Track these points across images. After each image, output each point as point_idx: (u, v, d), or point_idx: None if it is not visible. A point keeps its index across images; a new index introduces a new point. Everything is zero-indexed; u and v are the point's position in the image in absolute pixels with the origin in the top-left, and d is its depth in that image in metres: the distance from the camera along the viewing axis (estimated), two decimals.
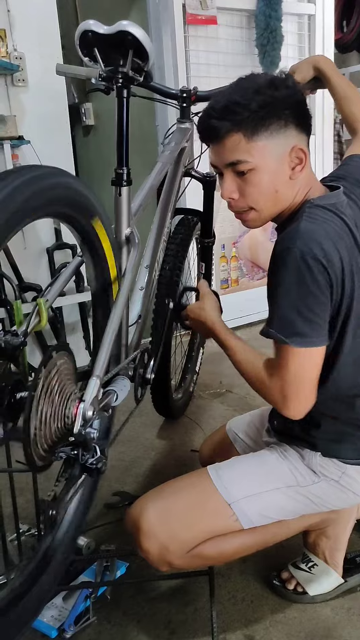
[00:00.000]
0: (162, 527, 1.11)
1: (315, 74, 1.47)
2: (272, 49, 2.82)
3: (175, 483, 1.20)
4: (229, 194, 1.11)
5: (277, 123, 1.05)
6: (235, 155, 1.06)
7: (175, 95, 1.66)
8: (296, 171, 1.09)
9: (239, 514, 1.12)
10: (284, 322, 1.02)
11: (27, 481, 1.35)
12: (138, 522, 1.12)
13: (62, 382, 1.00)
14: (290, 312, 1.01)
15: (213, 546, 1.14)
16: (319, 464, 1.15)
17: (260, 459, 1.21)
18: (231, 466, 1.20)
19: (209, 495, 1.14)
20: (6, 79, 2.32)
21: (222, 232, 2.95)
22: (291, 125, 1.07)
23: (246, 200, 1.11)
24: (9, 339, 0.96)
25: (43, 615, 1.25)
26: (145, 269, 1.52)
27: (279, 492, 1.14)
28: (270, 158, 1.06)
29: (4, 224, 0.80)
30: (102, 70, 1.19)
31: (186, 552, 1.12)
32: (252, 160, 1.06)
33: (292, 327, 1.01)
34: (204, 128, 1.09)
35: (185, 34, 2.69)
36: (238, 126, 1.04)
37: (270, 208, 1.12)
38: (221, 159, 1.09)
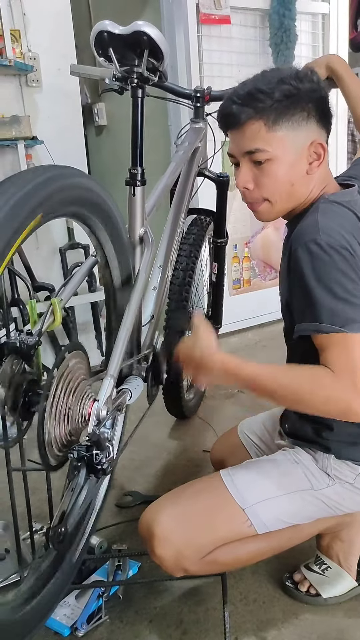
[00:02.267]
0: (176, 532, 1.10)
1: (328, 74, 1.47)
2: (286, 48, 2.81)
3: (188, 488, 1.20)
4: (244, 183, 1.10)
5: (299, 115, 1.05)
6: (254, 143, 1.06)
7: (189, 95, 1.66)
8: (313, 166, 1.08)
9: (253, 519, 1.11)
10: (331, 313, 0.96)
11: (40, 479, 1.36)
12: (152, 528, 1.11)
13: (76, 381, 1.00)
14: (335, 301, 0.96)
15: (228, 552, 1.14)
16: (332, 467, 1.14)
17: (274, 463, 1.20)
18: (244, 471, 1.19)
19: (223, 501, 1.13)
20: (20, 80, 2.33)
21: (235, 232, 2.94)
22: (313, 119, 1.06)
23: (261, 192, 1.10)
24: (24, 339, 0.97)
25: (56, 614, 1.26)
26: (158, 269, 1.53)
27: (293, 496, 1.13)
28: (289, 150, 1.06)
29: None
30: (117, 70, 1.19)
31: (201, 558, 1.12)
32: (271, 150, 1.05)
33: (344, 315, 0.96)
34: (226, 114, 1.09)
35: (198, 34, 2.68)
36: (260, 114, 1.04)
37: (284, 201, 1.11)
38: (239, 147, 1.09)
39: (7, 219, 0.78)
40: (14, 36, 2.25)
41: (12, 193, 0.80)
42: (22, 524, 1.31)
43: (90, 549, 1.43)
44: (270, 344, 2.89)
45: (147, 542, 1.12)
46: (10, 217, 0.78)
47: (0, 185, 0.82)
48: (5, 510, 1.59)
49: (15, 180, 0.83)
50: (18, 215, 0.79)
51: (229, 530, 1.13)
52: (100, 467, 1.00)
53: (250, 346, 2.93)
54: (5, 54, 2.15)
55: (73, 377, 0.99)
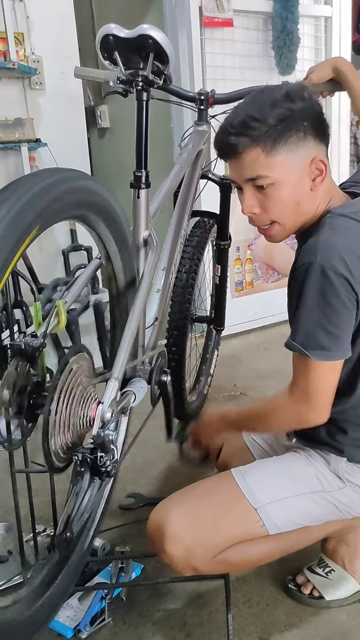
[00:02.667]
0: (187, 531, 1.10)
1: (333, 75, 1.47)
2: (289, 51, 2.82)
3: (199, 486, 1.20)
4: (250, 209, 1.10)
5: (295, 136, 1.04)
6: (255, 170, 1.06)
7: (193, 98, 1.66)
8: (317, 182, 1.08)
9: (265, 519, 1.11)
10: (306, 335, 1.03)
11: (43, 481, 1.36)
12: (162, 526, 1.10)
13: (80, 383, 1.00)
14: (313, 326, 1.02)
15: (238, 552, 1.14)
16: (344, 470, 1.14)
17: (286, 463, 1.20)
18: (257, 470, 1.18)
19: (235, 500, 1.13)
20: (24, 82, 2.34)
21: (237, 234, 2.94)
22: (310, 137, 1.05)
23: (268, 215, 1.10)
24: (29, 341, 0.97)
25: (59, 616, 1.26)
26: (162, 271, 1.53)
27: (305, 497, 1.13)
28: (290, 171, 1.06)
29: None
30: (122, 73, 1.20)
31: (212, 558, 1.11)
32: (272, 175, 1.05)
33: (315, 341, 1.03)
34: (223, 145, 1.08)
35: (201, 37, 2.69)
36: (256, 141, 1.03)
37: (293, 221, 1.11)
38: (240, 175, 1.09)
39: (13, 221, 0.78)
40: (17, 39, 2.26)
41: (17, 199, 0.80)
42: (25, 526, 1.31)
43: (93, 551, 1.44)
44: (272, 347, 2.89)
45: (157, 541, 1.12)
46: (13, 222, 0.78)
47: (4, 189, 0.82)
48: (9, 512, 1.59)
49: (19, 185, 0.83)
50: (21, 222, 0.79)
51: (240, 530, 1.13)
52: (104, 469, 1.00)
53: (253, 348, 2.93)
54: (9, 56, 2.17)
55: (77, 379, 0.99)
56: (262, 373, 2.55)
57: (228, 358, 2.71)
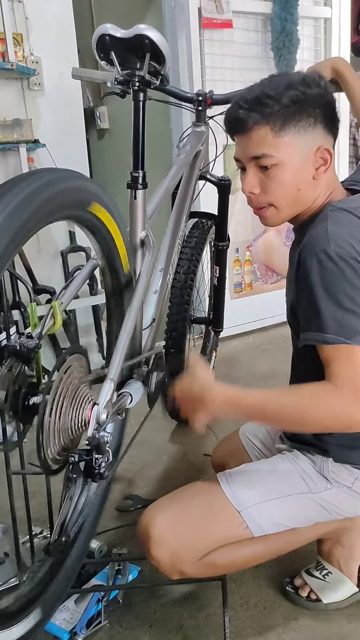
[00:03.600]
0: (172, 534, 1.10)
1: (333, 76, 1.47)
2: (288, 53, 2.82)
3: (185, 490, 1.20)
4: (250, 188, 1.10)
5: (306, 120, 1.04)
6: (261, 148, 1.06)
7: (191, 99, 1.66)
8: (320, 172, 1.08)
9: (249, 521, 1.11)
10: (337, 324, 0.97)
11: (39, 483, 1.36)
12: (148, 530, 1.11)
13: (76, 385, 1.00)
14: (342, 312, 0.97)
15: (225, 554, 1.13)
16: (330, 470, 1.14)
17: (271, 465, 1.19)
18: (241, 473, 1.18)
19: (220, 503, 1.13)
20: (22, 83, 2.34)
21: (236, 235, 2.94)
22: (320, 124, 1.06)
23: (267, 196, 1.10)
24: (24, 342, 0.97)
25: (55, 618, 1.25)
26: (159, 272, 1.52)
27: (290, 499, 1.13)
28: (295, 155, 1.06)
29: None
30: (118, 73, 1.19)
31: (197, 560, 1.11)
32: (278, 155, 1.05)
33: (350, 326, 0.96)
34: (232, 119, 1.08)
35: (200, 38, 2.69)
36: (267, 119, 1.04)
37: (290, 206, 1.11)
38: (246, 152, 1.09)
39: (7, 222, 0.78)
40: (16, 40, 2.25)
41: (10, 198, 0.79)
42: (21, 528, 1.30)
43: (90, 553, 1.43)
44: (271, 348, 2.89)
45: (144, 544, 1.12)
46: (10, 222, 0.78)
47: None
48: (5, 513, 1.59)
49: (14, 184, 0.83)
50: (17, 222, 0.79)
51: (224, 532, 1.12)
52: (97, 471, 1.00)
53: (252, 350, 2.93)
54: (7, 57, 2.16)
55: (73, 381, 0.99)
56: (261, 374, 2.54)
57: (227, 359, 2.71)
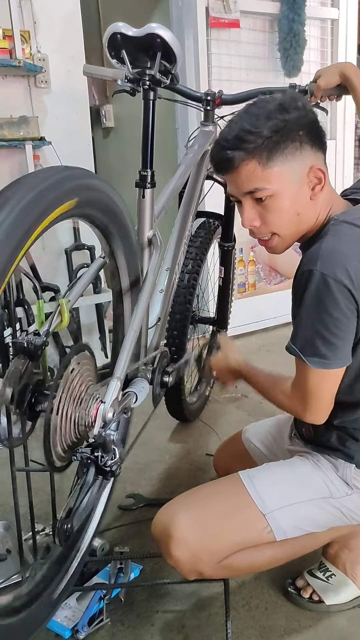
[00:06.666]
0: (195, 535, 1.09)
1: (341, 81, 1.47)
2: (295, 53, 2.82)
3: (206, 489, 1.19)
4: (250, 222, 1.09)
5: (291, 146, 1.03)
6: (253, 183, 1.05)
7: (200, 98, 1.66)
8: (316, 191, 1.07)
9: (274, 525, 1.11)
10: (304, 341, 1.04)
11: (43, 480, 1.36)
12: (169, 529, 1.09)
13: (82, 383, 1.00)
14: (311, 333, 1.02)
15: (244, 557, 1.13)
16: (352, 476, 1.14)
17: (294, 468, 1.19)
18: (265, 475, 1.18)
19: (243, 505, 1.12)
20: (29, 80, 2.34)
21: (240, 236, 2.91)
22: (306, 146, 1.04)
23: (268, 227, 1.09)
24: (32, 339, 0.97)
25: (57, 616, 1.25)
26: (165, 271, 1.52)
27: (312, 503, 1.13)
28: (288, 182, 1.05)
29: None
30: (129, 72, 1.19)
31: (217, 562, 1.11)
32: (270, 187, 1.04)
33: (312, 348, 1.03)
34: (218, 160, 1.07)
35: (207, 37, 2.69)
36: (252, 154, 1.02)
37: (294, 232, 1.11)
38: (238, 189, 1.08)
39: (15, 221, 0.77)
40: (23, 37, 2.25)
41: (21, 197, 0.79)
42: (24, 525, 1.30)
43: (92, 551, 1.43)
44: (273, 349, 2.89)
45: (163, 544, 1.11)
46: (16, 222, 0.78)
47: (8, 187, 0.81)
48: (8, 510, 1.59)
49: (26, 181, 0.83)
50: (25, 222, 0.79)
51: (247, 535, 1.12)
52: (109, 469, 1.00)
53: (255, 350, 2.93)
54: (15, 54, 2.16)
55: (79, 379, 0.99)
56: None
57: None
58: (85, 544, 1.30)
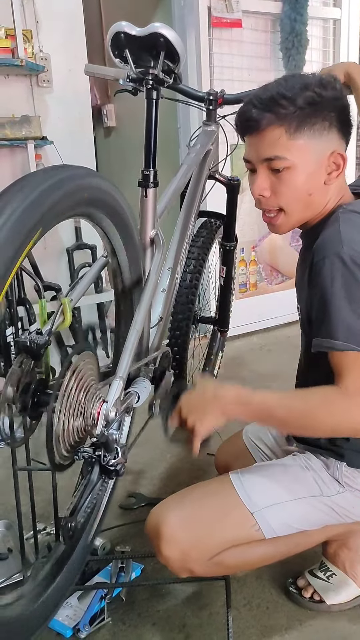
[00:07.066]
0: (184, 534, 1.09)
1: (345, 80, 1.46)
2: (297, 53, 2.82)
3: (197, 489, 1.19)
4: (261, 191, 1.08)
5: (321, 124, 1.03)
6: (274, 150, 1.03)
7: (202, 98, 1.65)
8: (332, 177, 1.07)
9: (262, 523, 1.11)
10: (349, 329, 0.96)
11: (44, 480, 1.36)
12: (159, 528, 1.10)
13: (85, 382, 1.00)
14: (354, 318, 0.96)
15: (235, 555, 1.13)
16: (344, 474, 1.13)
17: (284, 467, 1.19)
18: (254, 474, 1.18)
19: (232, 504, 1.12)
20: (31, 80, 2.34)
21: (242, 236, 2.92)
22: (334, 128, 1.04)
23: (277, 200, 1.08)
24: (34, 338, 0.97)
25: (58, 615, 1.25)
26: (167, 271, 1.52)
27: (303, 501, 1.13)
28: (309, 159, 1.04)
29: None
30: (132, 71, 1.19)
31: (207, 560, 1.11)
32: (291, 158, 1.03)
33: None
34: (245, 118, 1.05)
35: (209, 37, 2.69)
36: (282, 120, 1.01)
37: (301, 212, 1.10)
38: (258, 153, 1.06)
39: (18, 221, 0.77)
40: (26, 36, 2.25)
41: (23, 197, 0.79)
42: (25, 524, 1.31)
43: (93, 551, 1.43)
44: (275, 348, 2.88)
45: (154, 542, 1.12)
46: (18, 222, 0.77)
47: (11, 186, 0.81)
48: (9, 509, 1.59)
49: (25, 182, 0.82)
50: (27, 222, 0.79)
51: (236, 533, 1.12)
52: (113, 468, 1.00)
53: (255, 350, 2.92)
54: (17, 54, 2.16)
55: (82, 378, 0.99)
56: (265, 375, 2.54)
57: (230, 360, 2.70)
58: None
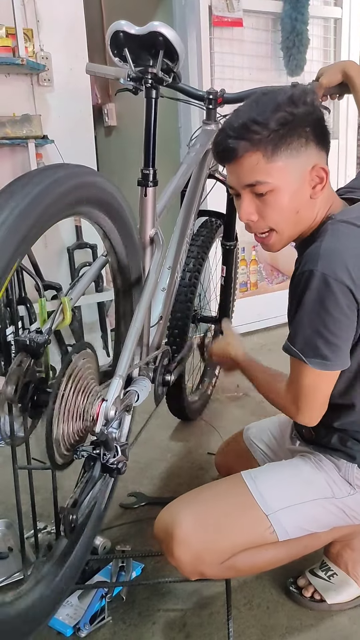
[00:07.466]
0: (197, 536, 1.08)
1: (342, 79, 1.46)
2: (298, 52, 2.81)
3: (208, 489, 1.19)
4: (248, 216, 1.08)
5: (297, 141, 1.01)
6: (254, 176, 1.03)
7: (202, 97, 1.65)
8: (317, 190, 1.06)
9: (276, 526, 1.10)
10: (305, 342, 1.03)
11: (44, 479, 1.36)
12: (171, 529, 1.09)
13: (84, 381, 1.00)
14: (313, 334, 1.01)
15: (246, 558, 1.12)
16: (355, 476, 1.13)
17: (296, 469, 1.18)
18: (268, 475, 1.17)
19: (246, 506, 1.11)
20: (32, 79, 2.34)
21: (242, 235, 2.90)
22: (311, 142, 1.03)
23: (266, 222, 1.08)
24: (34, 337, 0.97)
25: (59, 613, 1.25)
26: (167, 270, 1.52)
27: (315, 503, 1.12)
28: (290, 178, 1.03)
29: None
30: (131, 70, 1.19)
31: (220, 563, 1.10)
32: (272, 181, 1.02)
33: (314, 350, 1.02)
34: (222, 148, 1.04)
35: (210, 36, 2.69)
36: (257, 146, 1.00)
37: (291, 229, 1.09)
38: (239, 180, 1.06)
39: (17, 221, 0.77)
40: (26, 35, 2.25)
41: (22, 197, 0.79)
42: (26, 523, 1.30)
43: (93, 550, 1.43)
44: (275, 348, 2.88)
45: (165, 544, 1.11)
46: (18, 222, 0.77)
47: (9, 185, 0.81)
48: (9, 508, 1.59)
49: (24, 181, 0.82)
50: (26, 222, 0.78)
51: (250, 536, 1.11)
52: (114, 466, 1.00)
53: (256, 350, 2.92)
54: (17, 52, 2.16)
55: (82, 377, 0.99)
56: None
57: None
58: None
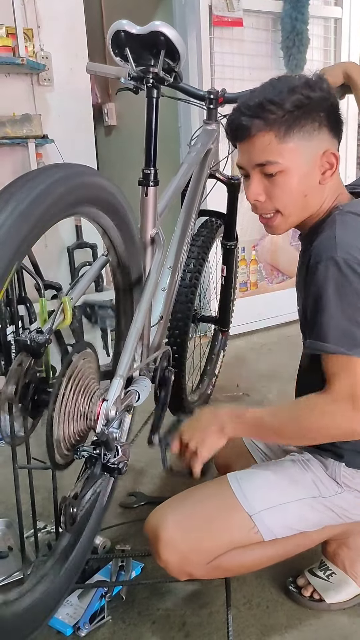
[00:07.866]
0: (182, 537, 1.09)
1: (344, 80, 1.47)
2: (298, 52, 2.82)
3: (194, 492, 1.19)
4: (255, 196, 1.08)
5: (310, 125, 1.03)
6: (265, 155, 1.04)
7: (203, 97, 1.66)
8: (326, 176, 1.07)
9: (260, 525, 1.10)
10: (342, 333, 0.97)
11: (44, 478, 1.36)
12: (157, 532, 1.10)
13: (85, 380, 1.00)
14: (346, 322, 0.97)
15: (233, 558, 1.13)
16: (342, 475, 1.13)
17: (282, 468, 1.18)
18: (252, 476, 1.17)
19: (230, 507, 1.12)
20: (32, 78, 2.34)
21: (243, 234, 2.92)
22: (325, 128, 1.05)
23: (273, 203, 1.08)
24: (35, 337, 0.97)
25: (59, 613, 1.25)
26: (168, 270, 1.52)
27: (301, 503, 1.12)
28: (301, 161, 1.04)
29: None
30: (133, 70, 1.19)
31: (206, 564, 1.11)
32: (283, 162, 1.04)
33: (351, 338, 0.97)
34: (235, 126, 1.06)
35: (210, 36, 2.69)
36: (270, 125, 1.02)
37: (298, 213, 1.10)
38: (250, 159, 1.07)
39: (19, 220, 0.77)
40: (26, 35, 2.25)
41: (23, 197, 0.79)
42: (25, 523, 1.31)
43: (93, 549, 1.43)
44: (275, 348, 2.88)
45: (153, 546, 1.12)
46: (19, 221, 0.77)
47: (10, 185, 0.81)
48: (9, 508, 1.59)
49: (25, 181, 0.82)
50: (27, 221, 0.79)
51: (235, 536, 1.12)
52: (115, 466, 1.00)
53: (256, 349, 2.92)
54: (18, 52, 2.16)
55: (82, 376, 0.99)
56: (265, 374, 2.54)
57: (231, 359, 2.70)
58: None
